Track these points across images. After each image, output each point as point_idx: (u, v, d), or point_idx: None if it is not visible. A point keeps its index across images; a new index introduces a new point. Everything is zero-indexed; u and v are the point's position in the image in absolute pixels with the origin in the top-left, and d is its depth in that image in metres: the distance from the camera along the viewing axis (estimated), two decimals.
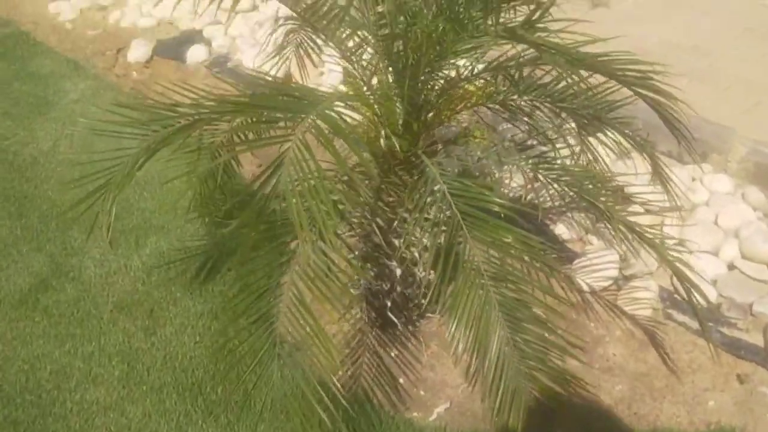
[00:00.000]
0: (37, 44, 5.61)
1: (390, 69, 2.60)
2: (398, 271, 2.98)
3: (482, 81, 2.65)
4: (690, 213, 3.77)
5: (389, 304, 3.11)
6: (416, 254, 2.93)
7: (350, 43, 2.74)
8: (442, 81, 2.61)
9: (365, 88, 2.68)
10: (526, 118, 2.74)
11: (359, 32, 2.71)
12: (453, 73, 2.54)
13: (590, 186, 2.68)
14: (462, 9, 2.33)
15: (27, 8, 6.26)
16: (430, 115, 2.67)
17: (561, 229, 3.80)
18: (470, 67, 2.55)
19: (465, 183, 2.38)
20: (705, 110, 4.17)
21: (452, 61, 2.48)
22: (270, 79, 2.75)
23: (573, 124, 2.91)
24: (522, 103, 2.69)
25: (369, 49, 2.67)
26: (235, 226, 2.45)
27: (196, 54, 5.35)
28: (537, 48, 2.03)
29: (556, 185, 2.73)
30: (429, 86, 2.63)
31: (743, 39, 4.87)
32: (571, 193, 2.67)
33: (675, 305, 3.35)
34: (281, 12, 5.83)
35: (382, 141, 2.64)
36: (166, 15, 5.88)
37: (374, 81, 2.72)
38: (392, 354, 3.15)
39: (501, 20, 2.16)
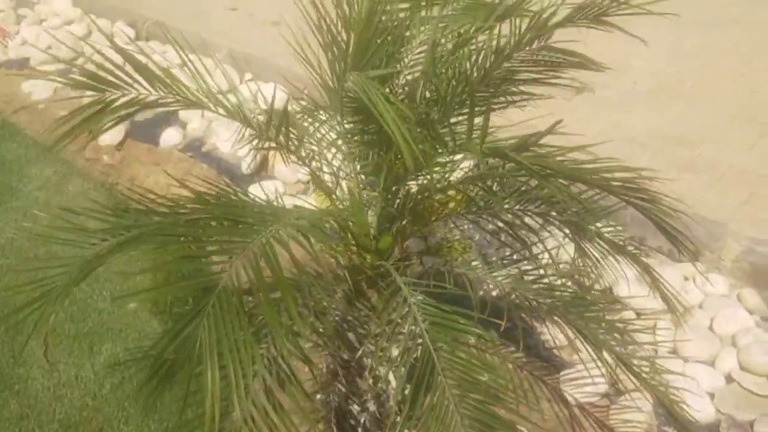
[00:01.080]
0: (7, 125, 5.42)
1: (362, 176, 2.41)
2: (370, 389, 2.73)
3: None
4: (684, 316, 3.56)
5: (361, 424, 2.85)
6: (390, 374, 2.69)
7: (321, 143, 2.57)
8: (416, 189, 2.42)
9: (334, 196, 2.48)
10: (507, 228, 2.54)
11: (329, 134, 2.54)
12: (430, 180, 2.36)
13: (576, 309, 2.46)
14: (441, 124, 2.16)
15: (1, 87, 6.10)
16: (404, 223, 2.47)
17: (547, 333, 3.56)
18: (447, 176, 2.36)
19: (441, 309, 2.16)
20: (696, 204, 3.99)
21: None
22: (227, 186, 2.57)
23: (559, 233, 2.73)
24: (503, 213, 2.49)
25: (339, 155, 2.49)
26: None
27: (170, 137, 5.18)
28: (528, 169, 1.84)
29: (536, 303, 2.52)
30: (403, 194, 2.44)
31: (732, 127, 4.75)
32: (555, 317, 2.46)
33: (671, 422, 3.09)
34: (260, 92, 5.70)
35: (352, 254, 2.43)
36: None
37: (344, 186, 2.54)
38: None
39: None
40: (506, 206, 2.50)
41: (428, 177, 2.25)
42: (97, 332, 3.47)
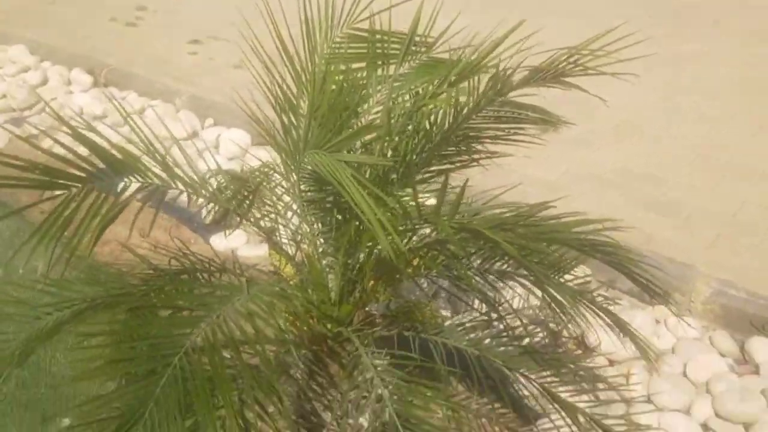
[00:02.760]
0: None
1: (319, 241, 2.33)
2: None
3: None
4: (657, 362, 3.49)
5: None
6: None
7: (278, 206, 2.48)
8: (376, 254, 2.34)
9: (293, 262, 2.39)
10: (471, 288, 2.47)
11: (283, 197, 2.46)
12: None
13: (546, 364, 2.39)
14: (401, 185, 2.09)
15: None
16: (365, 288, 2.38)
17: (520, 383, 3.48)
18: (410, 240, 2.28)
19: (406, 379, 2.07)
20: (664, 245, 3.98)
21: None
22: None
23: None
24: (464, 274, 2.42)
25: (295, 219, 2.40)
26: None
27: (130, 186, 5.03)
28: (504, 248, 1.77)
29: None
30: (363, 258, 2.35)
31: (696, 166, 4.75)
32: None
33: None
34: (222, 137, 5.61)
35: (312, 321, 2.33)
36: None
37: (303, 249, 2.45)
38: None
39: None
40: (468, 266, 2.43)
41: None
42: (49, 399, 3.31)
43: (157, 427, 1.49)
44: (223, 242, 4.38)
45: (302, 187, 2.17)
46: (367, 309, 2.42)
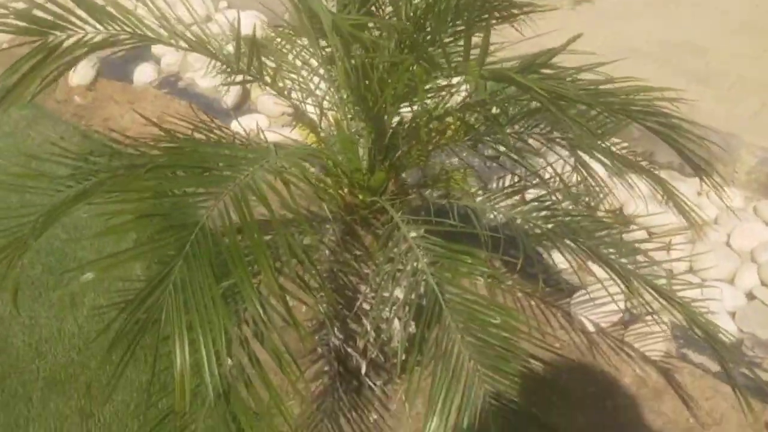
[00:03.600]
0: None
1: (348, 106, 2.17)
2: (370, 332, 2.56)
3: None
4: (702, 229, 3.36)
5: (364, 366, 2.69)
6: (390, 313, 2.52)
7: (302, 72, 2.32)
8: (410, 118, 2.19)
9: (320, 130, 2.25)
10: (511, 153, 2.32)
11: (310, 61, 2.29)
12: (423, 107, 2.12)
13: (588, 232, 2.27)
14: (433, 42, 1.91)
15: None
16: (398, 155, 2.24)
17: (558, 258, 3.38)
18: (444, 102, 2.12)
19: (443, 246, 1.97)
20: (707, 115, 3.77)
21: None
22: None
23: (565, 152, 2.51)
24: (505, 138, 2.27)
25: (323, 84, 2.24)
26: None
27: (144, 73, 4.86)
28: (536, 95, 1.60)
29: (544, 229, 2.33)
30: (395, 123, 2.21)
31: (740, 34, 4.47)
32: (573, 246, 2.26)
33: (690, 344, 2.95)
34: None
35: (343, 191, 2.21)
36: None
37: (330, 117, 2.30)
38: (371, 418, 2.75)
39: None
40: (508, 131, 2.28)
41: (421, 104, 2.02)
42: (77, 282, 3.28)
43: (189, 285, 1.39)
44: (241, 129, 4.25)
45: (323, 41, 2.00)
46: (400, 177, 2.29)
